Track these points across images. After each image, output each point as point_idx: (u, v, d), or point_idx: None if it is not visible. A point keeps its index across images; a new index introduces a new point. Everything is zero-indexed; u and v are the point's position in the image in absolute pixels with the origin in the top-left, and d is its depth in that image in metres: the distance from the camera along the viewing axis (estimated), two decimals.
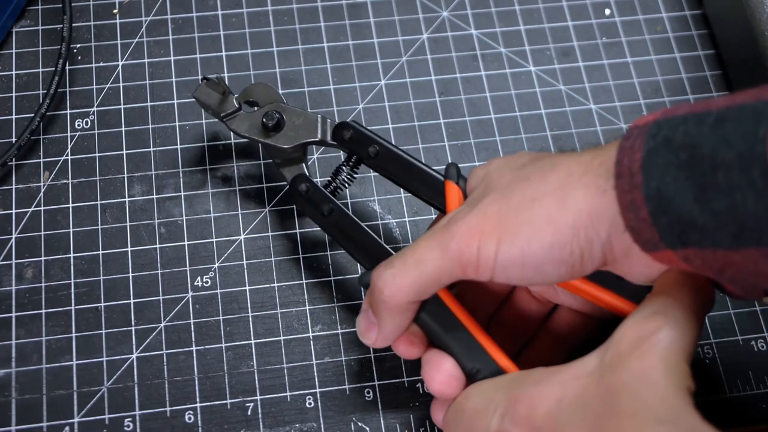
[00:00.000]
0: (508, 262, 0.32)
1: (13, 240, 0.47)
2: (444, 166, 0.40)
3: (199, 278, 0.46)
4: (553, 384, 0.32)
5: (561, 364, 0.33)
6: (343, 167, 0.43)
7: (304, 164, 0.44)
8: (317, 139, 0.43)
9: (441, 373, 0.36)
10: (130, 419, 0.43)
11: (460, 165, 0.50)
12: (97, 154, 0.49)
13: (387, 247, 0.40)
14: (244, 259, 0.47)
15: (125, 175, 0.49)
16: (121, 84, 0.51)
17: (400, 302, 0.35)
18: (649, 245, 0.30)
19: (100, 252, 0.47)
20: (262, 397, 0.44)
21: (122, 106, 0.50)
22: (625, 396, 0.29)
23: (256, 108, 0.45)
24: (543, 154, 0.36)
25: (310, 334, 0.46)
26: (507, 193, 0.33)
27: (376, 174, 0.49)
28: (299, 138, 0.43)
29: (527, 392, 0.32)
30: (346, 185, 0.43)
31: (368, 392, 0.44)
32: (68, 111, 0.50)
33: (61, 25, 0.50)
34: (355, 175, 0.43)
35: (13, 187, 0.48)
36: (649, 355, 0.30)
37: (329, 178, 0.43)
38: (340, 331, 0.46)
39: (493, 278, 0.33)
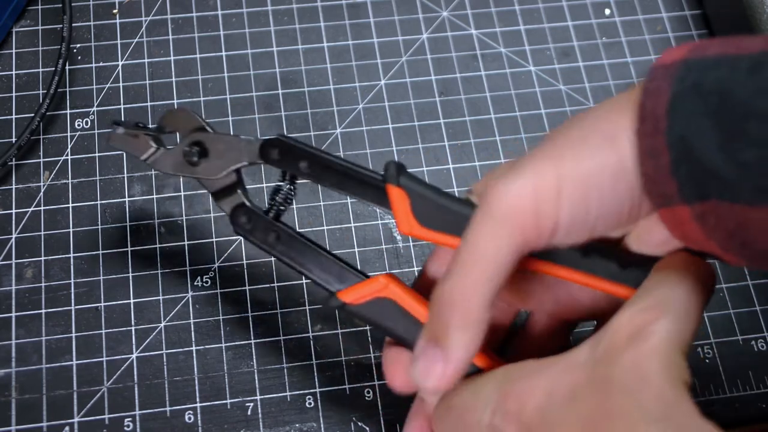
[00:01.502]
0: (574, 194, 0.29)
1: (13, 240, 0.47)
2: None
3: (199, 278, 0.46)
4: (544, 377, 0.30)
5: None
6: (281, 187, 0.39)
7: (241, 192, 0.39)
8: (245, 163, 0.39)
9: (402, 369, 0.34)
10: (130, 419, 0.43)
11: (460, 165, 0.50)
12: (97, 154, 0.49)
13: (346, 265, 0.37)
14: (244, 259, 0.47)
15: (125, 175, 0.49)
16: (121, 84, 0.51)
17: (474, 310, 0.30)
18: (664, 199, 0.29)
19: (100, 252, 0.47)
20: (262, 397, 0.44)
21: (122, 106, 0.50)
22: (618, 391, 0.28)
23: (176, 140, 0.41)
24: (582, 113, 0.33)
25: (310, 334, 0.46)
26: (552, 139, 0.30)
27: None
28: (227, 165, 0.39)
29: (517, 386, 0.31)
30: (287, 204, 0.39)
31: (368, 392, 0.45)
32: (68, 111, 0.50)
33: (61, 25, 0.50)
34: (294, 195, 0.39)
35: (13, 187, 0.48)
36: (643, 347, 0.28)
37: (269, 202, 0.39)
38: (340, 331, 0.46)
39: (556, 229, 0.30)
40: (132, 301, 0.46)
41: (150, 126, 0.41)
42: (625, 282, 0.34)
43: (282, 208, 0.39)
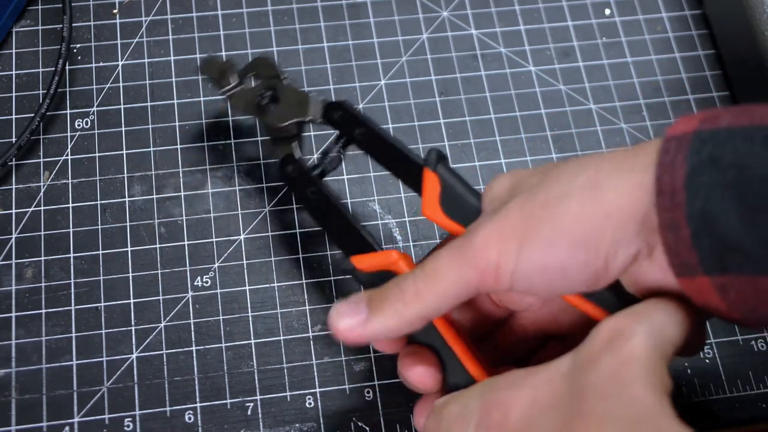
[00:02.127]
0: (530, 266, 0.30)
1: (13, 240, 0.47)
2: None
3: (199, 278, 0.46)
4: (527, 387, 0.31)
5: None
6: (332, 147, 0.42)
7: (297, 143, 0.43)
8: (308, 119, 0.43)
9: (418, 366, 0.35)
10: (130, 419, 0.43)
11: (460, 165, 0.50)
12: (97, 154, 0.49)
13: (369, 235, 0.39)
14: (244, 259, 0.47)
15: (125, 175, 0.49)
16: (121, 84, 0.51)
17: (410, 312, 0.33)
18: (686, 269, 0.28)
19: (100, 252, 0.47)
20: (262, 397, 0.44)
21: (122, 106, 0.50)
22: (593, 397, 0.28)
23: (253, 84, 0.45)
24: (573, 159, 0.34)
25: (310, 334, 0.46)
26: (532, 194, 0.31)
27: (376, 174, 0.49)
28: (290, 116, 0.43)
29: (500, 396, 0.31)
30: (335, 166, 0.42)
31: (368, 392, 0.45)
32: (68, 111, 0.50)
33: (61, 25, 0.50)
34: (344, 156, 0.43)
35: (13, 187, 0.48)
36: (620, 352, 0.28)
37: (317, 159, 0.43)
38: None
39: (513, 286, 0.31)
40: (132, 301, 0.46)
41: (235, 63, 0.45)
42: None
43: (329, 169, 0.42)
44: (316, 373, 0.45)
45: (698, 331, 0.31)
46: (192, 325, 0.45)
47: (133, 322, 0.45)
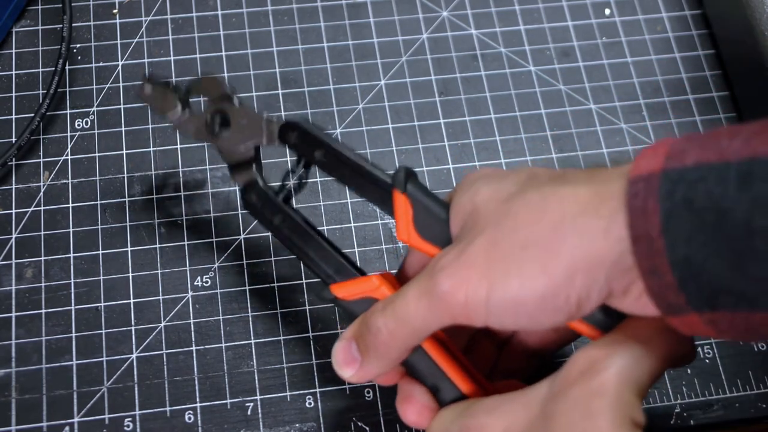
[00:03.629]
0: (500, 312, 0.30)
1: (13, 240, 0.47)
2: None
3: (199, 278, 0.46)
4: (504, 412, 0.31)
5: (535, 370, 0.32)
6: (295, 170, 0.39)
7: (256, 169, 0.40)
8: (264, 142, 0.39)
9: (414, 405, 0.35)
10: (130, 419, 0.43)
11: (460, 165, 0.50)
12: (97, 154, 0.49)
13: (344, 257, 0.38)
14: (244, 259, 0.47)
15: (125, 175, 0.49)
16: (121, 84, 0.51)
17: (392, 352, 0.34)
18: (673, 309, 0.28)
19: (100, 252, 0.47)
20: (262, 397, 0.44)
21: (122, 106, 0.50)
22: (559, 424, 0.28)
23: (202, 106, 0.42)
24: (533, 178, 0.32)
25: (310, 334, 0.46)
26: (495, 237, 0.31)
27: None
28: (246, 140, 0.40)
29: (476, 422, 0.31)
30: (299, 188, 0.40)
31: (368, 392, 0.44)
32: (68, 111, 0.50)
33: (61, 25, 0.50)
34: (306, 179, 0.40)
35: (13, 187, 0.48)
36: (592, 383, 0.28)
37: (281, 184, 0.40)
38: (339, 330, 0.46)
39: (487, 325, 0.31)
40: (132, 301, 0.46)
41: (180, 86, 0.41)
42: (602, 328, 0.33)
43: (293, 191, 0.40)
44: (316, 373, 0.45)
45: (685, 344, 0.31)
46: (192, 325, 0.45)
47: (133, 322, 0.45)
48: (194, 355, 0.45)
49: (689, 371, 0.46)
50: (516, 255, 0.30)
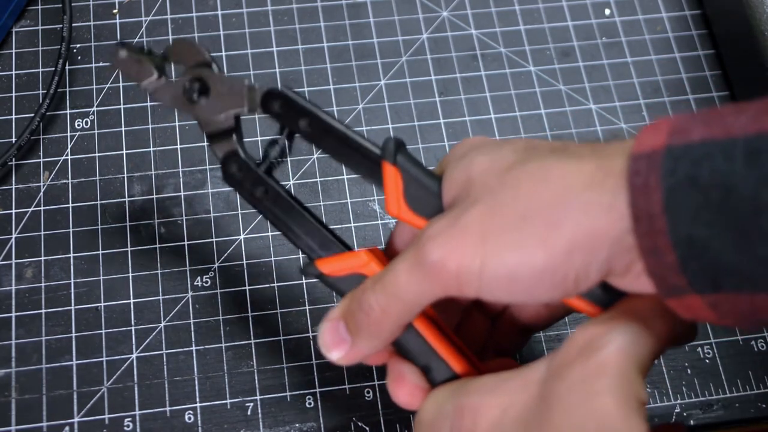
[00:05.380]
0: (494, 284, 0.29)
1: (13, 240, 0.47)
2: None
3: (199, 278, 0.46)
4: (500, 393, 0.30)
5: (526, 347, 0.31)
6: (278, 140, 0.38)
7: (237, 139, 0.38)
8: (245, 110, 0.37)
9: (405, 386, 0.34)
10: (129, 419, 0.43)
11: None
12: (97, 154, 0.49)
13: (330, 232, 0.36)
14: (244, 259, 0.47)
15: (125, 175, 0.49)
16: (121, 84, 0.51)
17: (384, 330, 0.32)
18: (674, 291, 0.27)
19: (100, 252, 0.47)
20: (262, 397, 0.44)
21: (122, 106, 0.50)
22: (560, 407, 0.27)
23: (177, 73, 0.39)
24: (533, 149, 0.31)
25: (310, 334, 0.46)
26: (493, 206, 0.29)
27: None
28: (225, 108, 0.37)
29: (472, 401, 0.30)
30: (282, 159, 0.38)
31: (368, 392, 0.44)
32: (68, 111, 0.50)
33: (61, 25, 0.50)
34: (290, 149, 0.38)
35: (13, 187, 0.48)
36: (591, 362, 0.27)
37: (263, 154, 0.38)
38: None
39: (479, 297, 0.30)
40: (132, 301, 0.46)
41: (155, 53, 0.39)
42: (601, 304, 0.32)
43: (276, 162, 0.38)
44: (316, 373, 0.45)
45: (686, 323, 0.30)
46: (192, 325, 0.45)
47: (133, 322, 0.45)
48: (194, 355, 0.45)
49: (689, 371, 0.46)
50: (514, 226, 0.28)
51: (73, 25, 0.52)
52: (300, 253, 0.47)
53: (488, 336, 0.39)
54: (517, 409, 0.29)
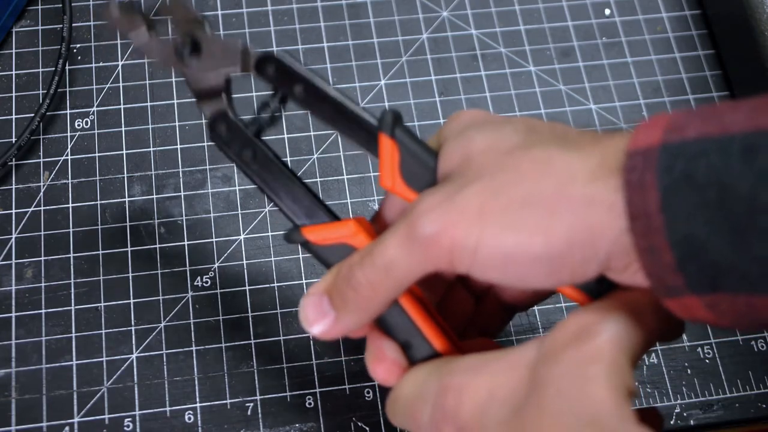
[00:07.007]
0: (487, 264, 0.29)
1: (13, 240, 0.47)
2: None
3: (199, 278, 0.46)
4: (487, 373, 0.29)
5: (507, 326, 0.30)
6: (269, 103, 0.37)
7: (226, 99, 0.37)
8: (237, 71, 0.37)
9: (384, 362, 0.33)
10: (130, 419, 0.43)
11: None
12: (97, 154, 0.49)
13: (319, 199, 0.35)
14: (244, 259, 0.47)
15: (125, 175, 0.49)
16: (121, 84, 0.51)
17: (372, 306, 0.32)
18: (671, 291, 0.27)
19: (100, 252, 0.47)
20: (262, 397, 0.44)
21: (122, 106, 0.50)
22: (551, 392, 0.27)
23: (170, 31, 0.39)
24: (534, 132, 0.31)
25: (310, 334, 0.45)
26: (493, 186, 0.29)
27: (376, 174, 0.49)
28: (217, 67, 0.37)
29: (457, 381, 0.29)
30: (272, 123, 0.37)
31: (368, 392, 0.44)
32: (68, 111, 0.50)
33: (61, 25, 0.50)
34: (282, 113, 0.37)
35: (13, 187, 0.48)
36: (584, 349, 0.27)
37: (253, 116, 0.37)
38: None
39: (469, 274, 0.29)
40: (132, 301, 0.46)
41: (147, 9, 0.39)
42: (591, 294, 0.32)
43: (266, 125, 0.37)
44: (316, 373, 0.45)
45: (676, 318, 0.30)
46: (192, 325, 0.45)
47: (133, 322, 0.45)
48: (194, 355, 0.45)
49: (689, 371, 0.46)
50: (515, 209, 0.28)
51: (73, 25, 0.52)
52: (300, 252, 0.47)
53: (472, 313, 0.38)
54: (504, 391, 0.28)
